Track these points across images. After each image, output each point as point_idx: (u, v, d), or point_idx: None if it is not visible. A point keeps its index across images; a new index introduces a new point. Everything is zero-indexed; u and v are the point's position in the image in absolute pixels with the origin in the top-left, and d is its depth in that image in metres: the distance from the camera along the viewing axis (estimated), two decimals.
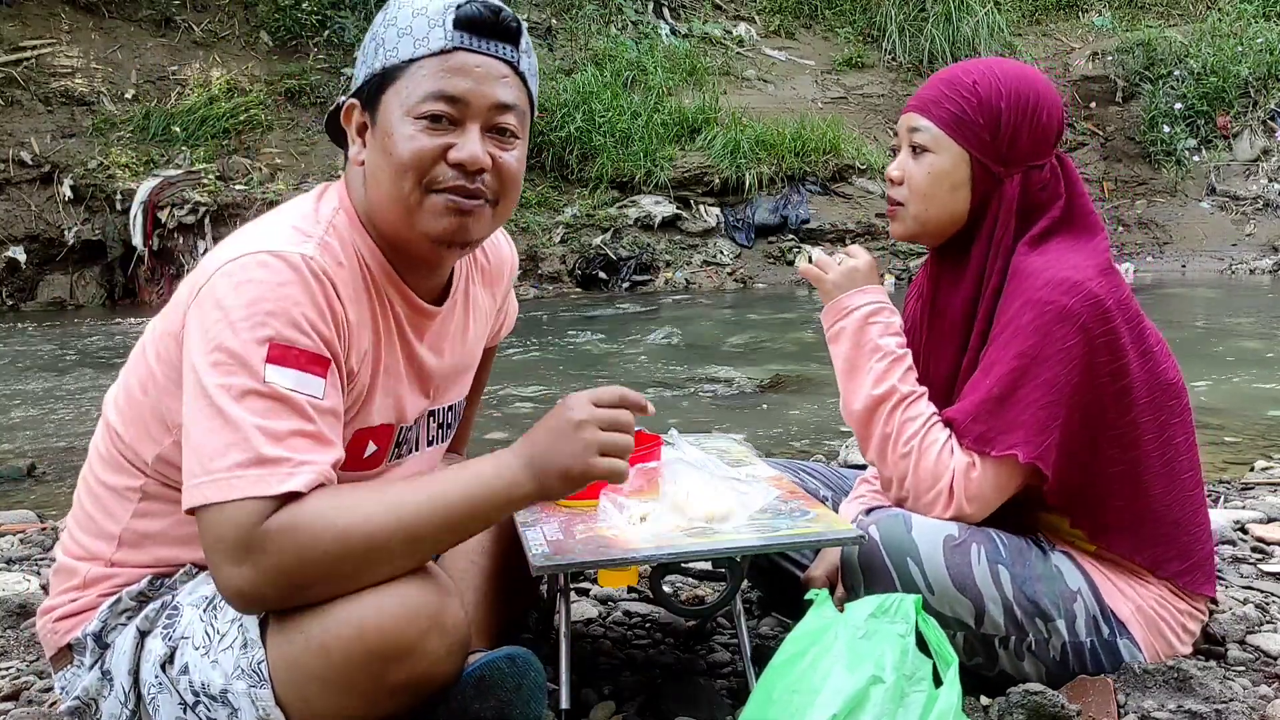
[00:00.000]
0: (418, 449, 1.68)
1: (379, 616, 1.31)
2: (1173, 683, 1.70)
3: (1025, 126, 1.75)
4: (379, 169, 1.48)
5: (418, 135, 1.45)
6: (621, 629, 2.16)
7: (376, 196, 1.51)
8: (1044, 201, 1.78)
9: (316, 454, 1.34)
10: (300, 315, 1.37)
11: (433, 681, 1.38)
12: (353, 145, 1.53)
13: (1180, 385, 1.80)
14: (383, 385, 1.55)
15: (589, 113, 9.10)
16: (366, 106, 1.51)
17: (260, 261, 1.38)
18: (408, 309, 1.57)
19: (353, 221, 1.53)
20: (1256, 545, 2.60)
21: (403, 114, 1.46)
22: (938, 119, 1.78)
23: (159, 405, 1.48)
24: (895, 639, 1.33)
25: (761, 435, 4.52)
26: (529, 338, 7.02)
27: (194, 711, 1.40)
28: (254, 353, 1.34)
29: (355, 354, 1.48)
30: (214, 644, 1.40)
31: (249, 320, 1.35)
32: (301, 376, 1.36)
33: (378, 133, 1.48)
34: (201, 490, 1.32)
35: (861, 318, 1.84)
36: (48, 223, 9.01)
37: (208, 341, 1.35)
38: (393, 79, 1.47)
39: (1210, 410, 4.67)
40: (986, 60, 1.84)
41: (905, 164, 1.82)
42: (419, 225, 1.49)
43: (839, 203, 9.52)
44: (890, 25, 11.07)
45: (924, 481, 1.73)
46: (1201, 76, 10.32)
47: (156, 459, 1.49)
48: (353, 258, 1.50)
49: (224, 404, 1.32)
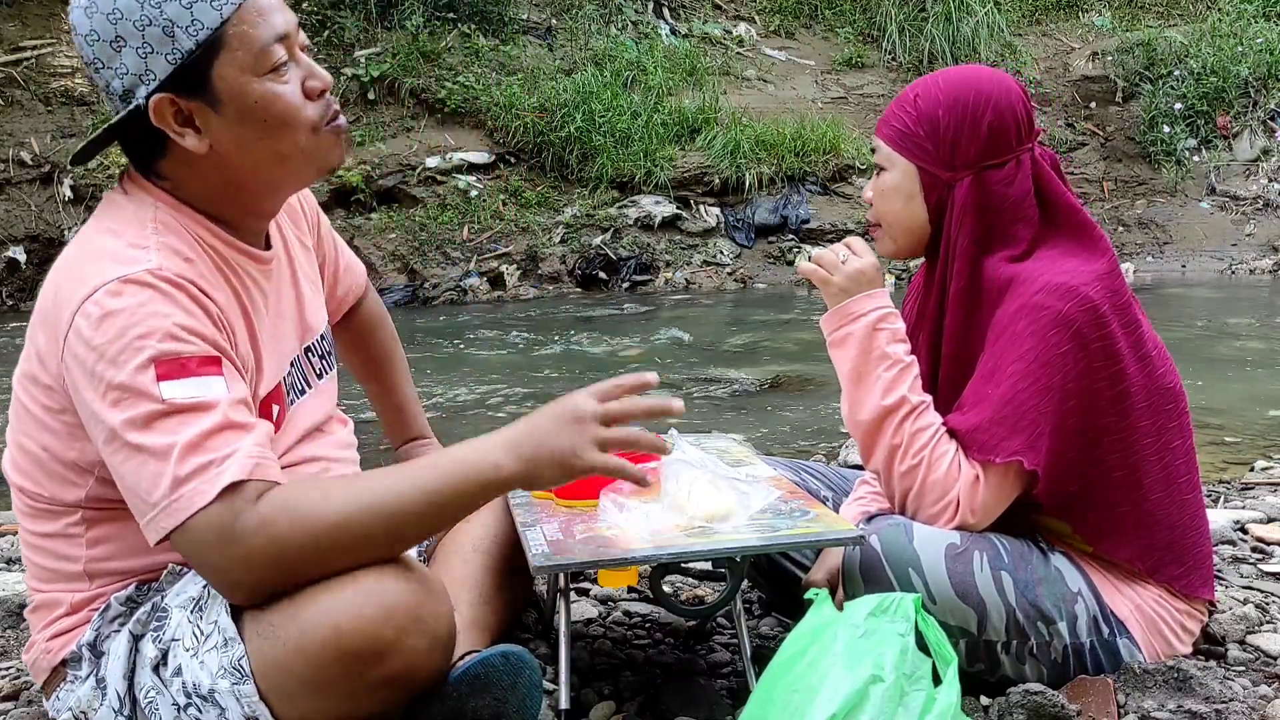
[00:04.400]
0: (310, 387, 1.69)
1: (354, 617, 1.31)
2: (1173, 683, 1.70)
3: (966, 130, 1.75)
4: (254, 139, 1.45)
5: (280, 88, 1.44)
6: (621, 629, 2.16)
7: (249, 167, 1.47)
8: (1009, 197, 1.76)
9: (239, 441, 1.34)
10: (172, 325, 1.36)
11: (416, 678, 1.37)
12: (183, 139, 1.43)
13: (1179, 390, 1.80)
14: (267, 351, 1.56)
15: (589, 113, 9.08)
16: (188, 93, 1.41)
17: (111, 291, 1.36)
18: (253, 264, 1.57)
19: (177, 209, 1.49)
20: (1256, 545, 2.60)
21: (251, 76, 1.42)
22: (886, 137, 1.82)
23: (65, 456, 1.47)
24: (895, 638, 1.33)
25: (761, 435, 4.52)
26: (529, 337, 7.02)
27: (186, 714, 1.40)
28: (142, 378, 1.33)
29: (239, 340, 1.48)
30: (201, 645, 1.40)
31: (125, 351, 1.33)
32: (197, 382, 1.35)
33: (229, 110, 1.42)
34: (156, 524, 1.33)
35: (870, 324, 1.79)
36: (48, 223, 9.00)
37: (97, 386, 1.34)
38: (215, 51, 1.40)
39: (1210, 410, 4.67)
40: (943, 71, 1.86)
41: (873, 184, 1.86)
42: (320, 164, 1.51)
43: (839, 203, 9.51)
44: (890, 25, 11.05)
45: (931, 493, 1.72)
46: (1201, 76, 10.30)
47: (86, 499, 1.48)
48: (192, 244, 1.47)
49: (135, 439, 1.32)
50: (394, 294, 8.24)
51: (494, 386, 5.68)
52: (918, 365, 1.81)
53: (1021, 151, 1.77)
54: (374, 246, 8.45)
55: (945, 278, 1.81)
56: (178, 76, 1.40)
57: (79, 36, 1.42)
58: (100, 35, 1.40)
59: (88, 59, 1.43)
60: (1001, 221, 1.77)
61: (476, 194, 8.88)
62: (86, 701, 1.49)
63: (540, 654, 1.96)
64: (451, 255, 8.58)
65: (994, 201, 1.76)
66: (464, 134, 9.25)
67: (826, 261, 1.84)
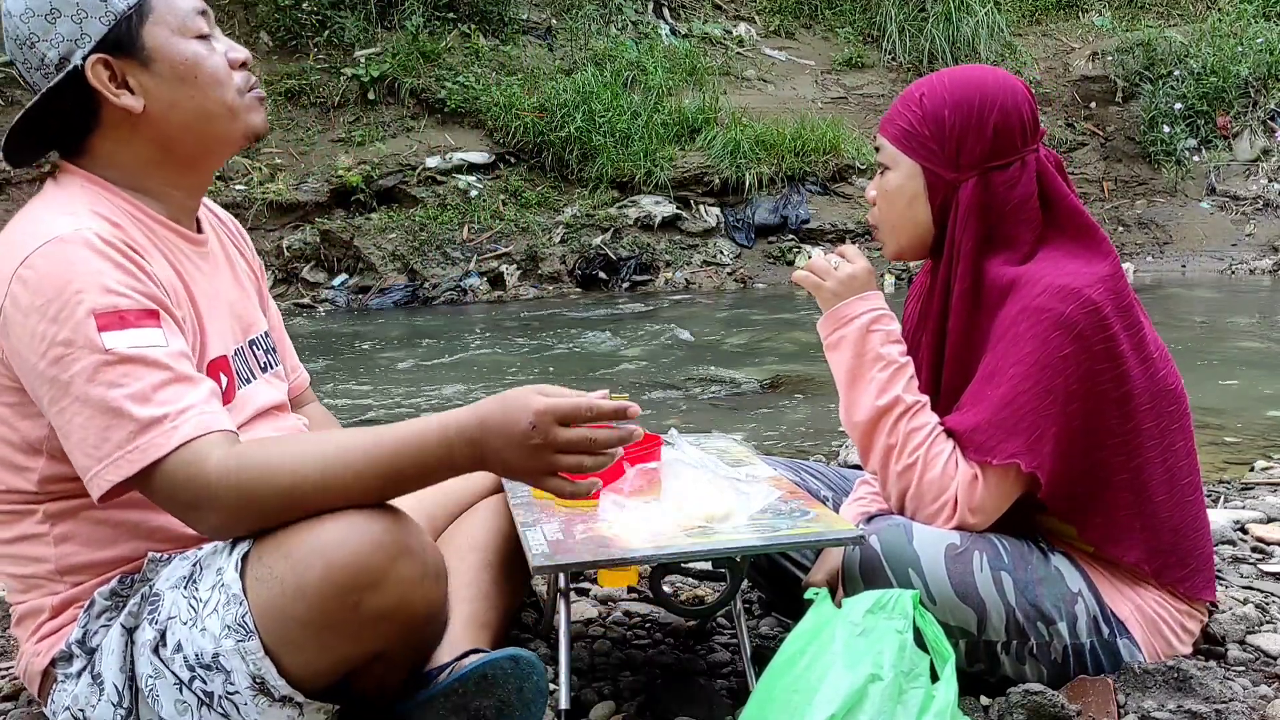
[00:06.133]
0: (255, 378, 1.70)
1: (342, 549, 1.32)
2: (1173, 683, 1.70)
3: (972, 130, 1.74)
4: (185, 97, 1.53)
5: (206, 52, 1.54)
6: (621, 629, 2.16)
7: (181, 125, 1.54)
8: (1013, 199, 1.76)
9: (190, 395, 1.38)
10: (109, 279, 1.39)
11: (412, 608, 1.38)
12: (119, 98, 1.50)
13: (1180, 391, 1.80)
14: (209, 318, 1.59)
15: (589, 113, 9.09)
16: (121, 53, 1.50)
17: (43, 254, 1.39)
18: (186, 243, 1.61)
19: (105, 187, 1.54)
20: (1256, 545, 2.60)
21: (180, 38, 1.52)
22: (891, 136, 1.81)
23: (12, 436, 1.48)
24: (893, 635, 1.33)
25: (761, 435, 4.52)
26: (529, 337, 7.02)
27: (190, 689, 1.40)
28: (84, 330, 1.35)
29: (173, 299, 1.50)
30: (199, 613, 1.40)
31: (64, 306, 1.36)
32: (138, 333, 1.38)
33: (161, 67, 1.51)
34: (105, 475, 1.35)
35: (863, 326, 1.80)
36: None
37: (39, 345, 1.36)
38: (144, 14, 1.50)
39: (1210, 410, 4.67)
40: (948, 70, 1.85)
41: (876, 184, 1.85)
42: (245, 127, 1.59)
43: (839, 203, 9.51)
44: (890, 25, 11.05)
45: (928, 493, 1.72)
46: (1201, 76, 10.30)
47: (41, 482, 1.49)
48: (122, 216, 1.51)
49: (82, 391, 1.35)
50: (394, 294, 8.24)
51: (494, 387, 5.68)
52: (913, 365, 1.81)
53: (1026, 152, 1.77)
54: (374, 246, 8.45)
55: (949, 280, 1.80)
56: (112, 38, 1.49)
57: (11, 19, 1.49)
58: (35, 10, 1.48)
59: (21, 38, 1.50)
60: (1005, 223, 1.76)
61: (476, 194, 8.88)
62: (84, 699, 1.49)
63: (540, 654, 1.96)
64: (451, 255, 8.58)
65: (998, 203, 1.76)
66: (464, 134, 9.25)
67: (819, 268, 1.86)
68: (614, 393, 1.47)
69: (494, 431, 1.35)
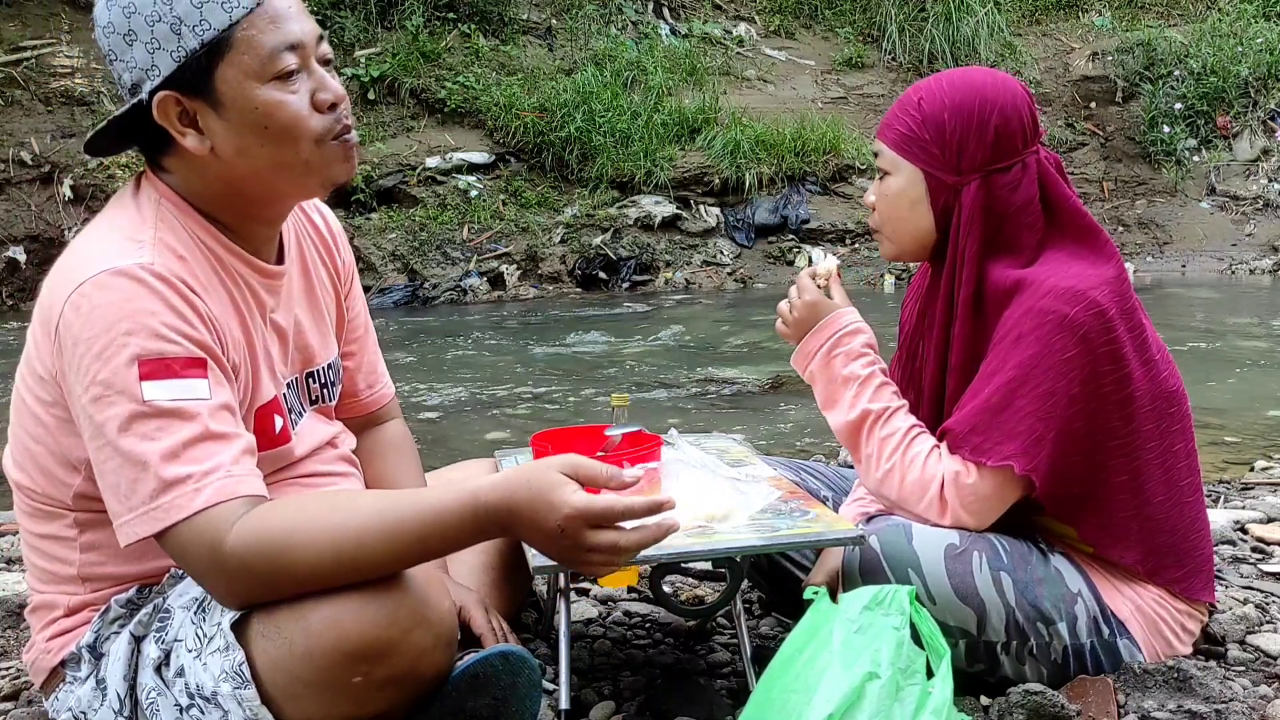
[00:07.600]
0: (305, 411, 1.66)
1: (358, 619, 1.30)
2: (1173, 683, 1.70)
3: (973, 133, 1.74)
4: (253, 146, 1.43)
5: (285, 97, 1.42)
6: (621, 629, 2.16)
7: (250, 173, 1.45)
8: (1016, 201, 1.75)
9: (220, 454, 1.33)
10: (159, 324, 1.34)
11: (422, 676, 1.37)
12: (184, 138, 1.43)
13: (1181, 393, 1.80)
14: (263, 360, 1.54)
15: (589, 113, 9.08)
16: (192, 93, 1.41)
17: (98, 284, 1.35)
18: (257, 275, 1.55)
19: (180, 208, 1.48)
20: (1256, 545, 2.60)
21: (255, 82, 1.41)
22: (890, 141, 1.81)
23: (55, 449, 1.47)
24: (890, 632, 1.33)
25: (761, 435, 4.52)
26: (529, 338, 7.02)
27: (188, 714, 1.40)
28: (125, 376, 1.32)
29: (230, 345, 1.46)
30: (204, 647, 1.40)
31: (109, 344, 1.33)
32: (181, 384, 1.34)
33: (231, 113, 1.41)
34: (131, 528, 1.33)
35: (824, 356, 1.85)
36: (48, 223, 8.99)
37: (83, 380, 1.34)
38: (220, 53, 1.39)
39: (1210, 410, 4.67)
40: (945, 73, 1.85)
41: (875, 188, 1.85)
42: (323, 179, 1.48)
43: (839, 203, 9.51)
44: (890, 25, 11.04)
45: (912, 494, 1.73)
46: (1201, 76, 10.30)
47: (75, 497, 1.48)
48: (191, 244, 1.46)
49: (115, 438, 1.32)
50: (394, 294, 8.23)
51: (494, 387, 5.68)
52: (881, 373, 1.83)
53: (1027, 155, 1.77)
54: (374, 246, 8.44)
55: (953, 284, 1.80)
56: (181, 75, 1.40)
57: (98, 28, 1.43)
58: (115, 28, 1.41)
59: (104, 50, 1.44)
60: (1007, 226, 1.76)
61: (476, 194, 8.88)
62: (86, 702, 1.49)
63: (540, 654, 1.97)
64: (451, 255, 8.57)
65: (1000, 206, 1.76)
66: (464, 134, 9.25)
67: (782, 317, 1.91)
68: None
69: (523, 522, 1.31)
